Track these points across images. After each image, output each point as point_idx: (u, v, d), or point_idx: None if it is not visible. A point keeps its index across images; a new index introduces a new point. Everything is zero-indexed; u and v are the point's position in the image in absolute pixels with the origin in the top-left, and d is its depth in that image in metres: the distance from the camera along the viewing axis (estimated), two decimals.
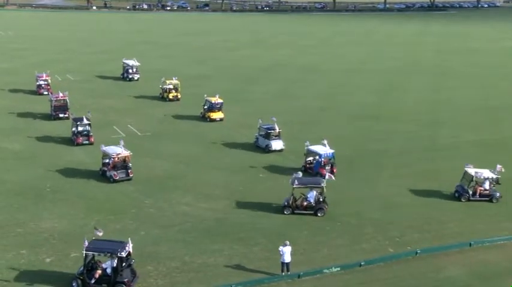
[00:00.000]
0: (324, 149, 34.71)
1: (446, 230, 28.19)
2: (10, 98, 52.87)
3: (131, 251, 23.01)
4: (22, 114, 47.33)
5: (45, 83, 54.99)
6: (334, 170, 34.40)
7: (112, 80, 61.64)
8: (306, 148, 35.36)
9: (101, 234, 23.34)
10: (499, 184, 31.86)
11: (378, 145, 41.05)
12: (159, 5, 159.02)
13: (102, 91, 56.50)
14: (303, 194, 29.82)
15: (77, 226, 27.56)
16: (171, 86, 53.40)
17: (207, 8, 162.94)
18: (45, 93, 53.18)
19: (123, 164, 33.60)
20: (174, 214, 29.15)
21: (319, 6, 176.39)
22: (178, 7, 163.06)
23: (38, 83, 55.06)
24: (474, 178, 31.34)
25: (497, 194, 31.55)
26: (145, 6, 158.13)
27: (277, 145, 39.07)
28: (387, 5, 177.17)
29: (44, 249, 25.34)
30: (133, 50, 79.63)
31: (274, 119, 39.97)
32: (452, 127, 46.21)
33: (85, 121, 40.14)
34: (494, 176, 31.51)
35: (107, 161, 33.66)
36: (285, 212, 29.42)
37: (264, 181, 34.06)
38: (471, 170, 31.70)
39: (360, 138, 42.82)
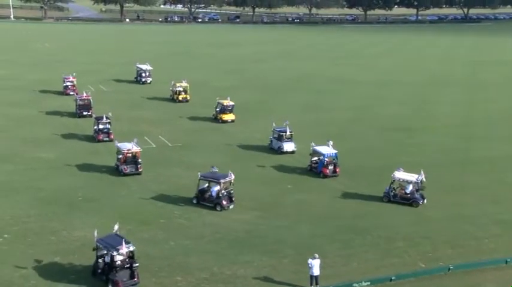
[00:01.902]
0: (327, 150, 36.28)
1: (481, 246, 27.52)
2: (44, 107, 53.96)
3: (125, 252, 23.08)
4: (54, 123, 48.38)
5: (71, 84, 59.68)
6: (337, 170, 36.13)
7: (144, 91, 62.54)
8: (311, 148, 36.92)
9: (116, 228, 24.66)
10: (422, 189, 31.90)
11: (409, 158, 40.43)
12: (191, 17, 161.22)
13: (133, 102, 57.33)
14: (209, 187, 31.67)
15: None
16: (181, 88, 57.37)
17: (237, 20, 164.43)
18: (71, 93, 57.65)
19: (133, 159, 35.97)
20: (203, 225, 29.24)
21: (350, 18, 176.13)
22: (209, 19, 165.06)
23: (64, 85, 59.75)
24: (391, 180, 32.03)
25: (421, 200, 31.70)
26: (177, 19, 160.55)
27: (288, 146, 40.72)
28: (419, 17, 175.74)
29: (76, 257, 25.66)
30: (165, 62, 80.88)
31: (287, 122, 41.35)
32: (487, 140, 45.30)
33: (105, 120, 43.32)
34: (414, 180, 31.60)
35: (120, 156, 35.96)
36: (193, 201, 31.46)
37: (293, 192, 33.93)
38: (396, 173, 32.17)
39: (392, 150, 42.32)
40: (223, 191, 30.91)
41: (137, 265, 23.32)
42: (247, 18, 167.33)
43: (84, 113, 49.86)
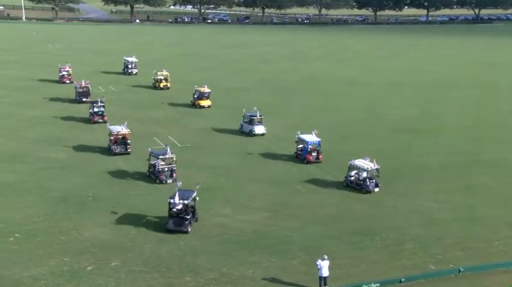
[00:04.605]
0: (311, 138, 38.67)
1: (491, 248, 27.34)
2: (52, 108, 54.32)
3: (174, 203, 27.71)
4: (64, 123, 48.74)
5: (67, 73, 65.09)
6: (320, 157, 38.62)
7: (153, 91, 62.81)
8: (297, 136, 39.27)
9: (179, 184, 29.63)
10: (374, 177, 33.54)
11: (418, 159, 40.32)
12: (200, 17, 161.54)
13: (143, 102, 57.52)
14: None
15: (117, 235, 28.02)
16: (162, 77, 62.99)
17: (247, 21, 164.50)
18: (68, 82, 63.69)
19: (122, 141, 39.75)
20: (212, 226, 29.28)
21: (360, 19, 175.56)
22: (219, 20, 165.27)
23: (61, 74, 65.19)
24: (349, 165, 34.07)
25: (371, 187, 33.17)
26: (186, 19, 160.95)
27: (259, 129, 44.93)
28: (430, 18, 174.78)
29: (85, 257, 25.81)
30: (174, 62, 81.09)
31: (256, 108, 45.57)
32: (497, 142, 44.97)
33: (100, 103, 48.12)
34: (366, 168, 33.15)
35: (111, 138, 39.74)
36: (147, 175, 35.23)
37: (302, 193, 33.91)
38: (355, 160, 34.16)
39: (401, 152, 42.16)
40: (164, 167, 34.40)
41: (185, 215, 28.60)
42: (256, 19, 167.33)
43: (83, 100, 54.33)
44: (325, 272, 23.39)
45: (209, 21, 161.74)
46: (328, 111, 54.51)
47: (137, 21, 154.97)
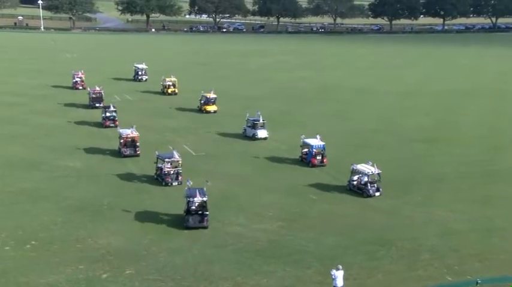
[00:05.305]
0: (316, 142, 39.66)
1: (510, 260, 26.90)
2: (67, 115, 54.86)
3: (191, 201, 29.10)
4: (79, 130, 49.16)
5: (80, 79, 66.96)
6: (325, 160, 39.55)
7: (169, 100, 63.15)
8: (301, 140, 40.42)
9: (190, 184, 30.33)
10: (375, 182, 34.03)
11: (434, 169, 39.97)
12: (215, 27, 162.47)
13: (158, 111, 57.83)
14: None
15: (132, 243, 28.12)
16: (170, 83, 65.18)
17: (262, 30, 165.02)
18: (81, 88, 65.56)
19: (132, 143, 41.27)
20: (227, 234, 29.26)
21: (375, 28, 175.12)
22: (234, 29, 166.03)
23: (74, 80, 66.96)
24: (351, 170, 34.58)
25: (371, 191, 33.53)
26: (201, 28, 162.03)
27: (262, 133, 46.13)
28: (446, 27, 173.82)
29: (100, 265, 25.92)
30: (190, 71, 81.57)
31: (259, 112, 46.84)
32: None
33: (112, 108, 49.74)
34: (367, 172, 33.58)
35: (121, 140, 41.28)
36: (154, 177, 36.35)
37: (317, 202, 33.76)
38: (357, 165, 34.70)
39: (416, 161, 41.81)
40: (169, 170, 35.32)
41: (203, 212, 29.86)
42: (271, 28, 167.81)
43: (97, 105, 55.85)
44: (339, 283, 23.24)
45: (224, 30, 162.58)
46: (343, 120, 54.34)
47: (153, 30, 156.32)
